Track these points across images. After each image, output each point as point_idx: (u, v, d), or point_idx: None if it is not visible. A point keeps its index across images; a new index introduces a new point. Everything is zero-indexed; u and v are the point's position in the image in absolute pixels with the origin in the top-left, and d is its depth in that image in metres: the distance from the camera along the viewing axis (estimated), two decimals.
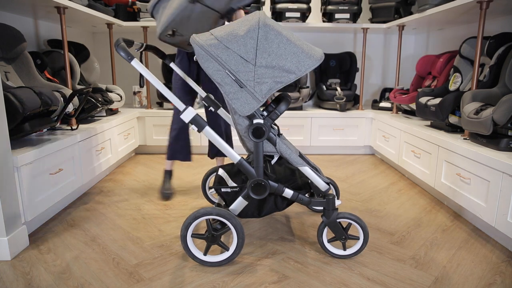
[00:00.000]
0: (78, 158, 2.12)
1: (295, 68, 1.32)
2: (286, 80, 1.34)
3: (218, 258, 1.48)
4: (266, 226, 1.86)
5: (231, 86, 1.34)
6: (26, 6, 2.13)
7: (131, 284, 1.37)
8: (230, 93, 1.35)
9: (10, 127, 1.64)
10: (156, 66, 3.75)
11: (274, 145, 1.47)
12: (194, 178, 2.63)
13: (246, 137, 1.50)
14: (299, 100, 3.25)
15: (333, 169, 2.90)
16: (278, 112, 1.42)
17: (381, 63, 3.85)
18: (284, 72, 1.32)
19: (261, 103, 1.36)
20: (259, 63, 1.31)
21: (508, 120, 1.62)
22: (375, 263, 1.51)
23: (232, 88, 1.34)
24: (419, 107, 2.44)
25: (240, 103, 1.36)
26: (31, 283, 1.36)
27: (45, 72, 2.39)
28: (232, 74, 1.32)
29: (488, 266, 1.49)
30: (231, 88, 1.34)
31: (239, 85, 1.33)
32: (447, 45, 3.10)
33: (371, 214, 2.02)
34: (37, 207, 1.72)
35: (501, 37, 2.09)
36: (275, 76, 1.33)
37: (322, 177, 1.55)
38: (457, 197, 1.92)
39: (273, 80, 1.33)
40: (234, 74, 1.32)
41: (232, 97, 1.35)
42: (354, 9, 3.21)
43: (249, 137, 1.46)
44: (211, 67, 1.32)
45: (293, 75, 1.33)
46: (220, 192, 1.55)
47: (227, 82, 1.33)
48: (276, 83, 1.34)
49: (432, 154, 2.18)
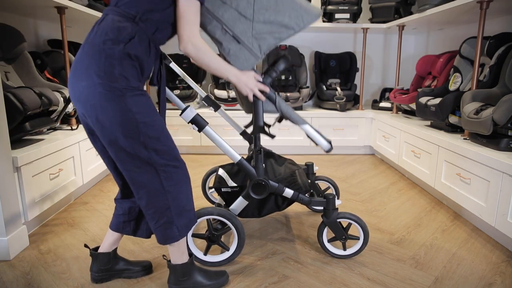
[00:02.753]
0: (78, 158, 2.12)
1: (293, 24, 1.30)
2: (285, 36, 1.32)
3: (218, 258, 1.48)
4: (266, 226, 1.86)
5: (230, 43, 1.31)
6: (26, 6, 2.13)
7: (131, 284, 1.37)
8: (230, 51, 1.32)
9: (10, 127, 1.64)
10: None
11: (274, 103, 1.42)
12: (194, 178, 2.63)
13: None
14: (299, 100, 3.25)
15: (333, 169, 2.90)
16: (277, 70, 1.39)
17: (381, 63, 3.85)
18: (282, 28, 1.30)
19: (259, 59, 1.33)
20: (257, 18, 1.29)
21: (508, 120, 1.62)
22: (375, 263, 1.51)
23: (231, 45, 1.32)
24: (419, 107, 2.44)
25: (240, 61, 1.33)
26: (31, 283, 1.36)
27: (45, 72, 2.39)
28: (229, 29, 1.30)
29: (488, 266, 1.49)
30: (230, 45, 1.32)
31: (237, 42, 1.30)
32: (447, 45, 3.10)
33: (371, 214, 2.02)
34: (37, 207, 1.72)
35: (501, 37, 2.09)
36: (273, 32, 1.31)
37: (324, 136, 1.48)
38: (457, 197, 1.92)
39: (272, 36, 1.31)
40: (231, 29, 1.30)
41: (232, 55, 1.32)
42: (354, 9, 3.21)
43: None
44: (208, 23, 1.30)
45: (291, 31, 1.31)
46: (221, 192, 1.55)
47: (226, 39, 1.31)
48: (275, 39, 1.32)
49: (432, 154, 2.18)
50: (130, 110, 1.08)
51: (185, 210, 1.21)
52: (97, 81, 1.05)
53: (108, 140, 1.11)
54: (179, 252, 1.26)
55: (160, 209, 1.18)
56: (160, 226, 1.19)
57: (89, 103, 1.07)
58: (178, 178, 1.19)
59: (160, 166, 1.15)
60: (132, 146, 1.10)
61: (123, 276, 1.40)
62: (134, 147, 1.11)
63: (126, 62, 1.08)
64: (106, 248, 1.37)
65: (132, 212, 1.33)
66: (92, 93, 1.06)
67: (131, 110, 1.08)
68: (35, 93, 1.75)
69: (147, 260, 1.45)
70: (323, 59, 3.61)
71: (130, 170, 1.14)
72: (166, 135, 1.17)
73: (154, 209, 1.18)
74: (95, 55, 1.06)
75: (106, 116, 1.07)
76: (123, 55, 1.07)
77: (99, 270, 1.36)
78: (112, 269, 1.38)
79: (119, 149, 1.11)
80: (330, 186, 2.01)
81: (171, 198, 1.18)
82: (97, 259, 1.36)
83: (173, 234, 1.21)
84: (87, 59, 1.07)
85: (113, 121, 1.07)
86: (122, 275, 1.40)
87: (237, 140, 3.21)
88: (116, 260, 1.39)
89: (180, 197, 1.20)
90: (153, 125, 1.13)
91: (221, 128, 3.23)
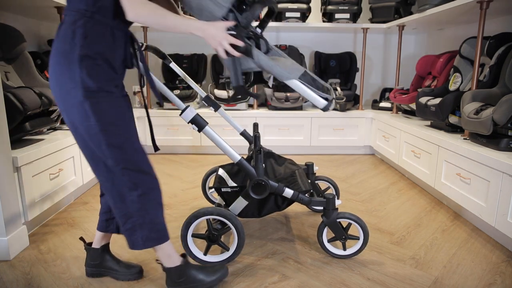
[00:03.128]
0: (78, 158, 2.12)
1: None
2: None
3: (218, 258, 1.48)
4: (266, 226, 1.86)
5: None
6: (26, 6, 2.13)
7: (131, 284, 1.37)
8: (191, 3, 1.19)
9: (10, 127, 1.64)
10: (156, 66, 3.75)
11: (251, 57, 1.22)
12: (194, 178, 2.63)
13: None
14: (299, 100, 3.25)
15: (333, 169, 2.90)
16: (251, 16, 1.19)
17: (381, 63, 3.85)
18: None
19: (224, 8, 1.17)
20: None
21: (508, 120, 1.62)
22: (375, 263, 1.51)
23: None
24: (419, 107, 2.44)
25: (205, 15, 1.19)
26: (31, 283, 1.36)
27: (45, 72, 2.39)
28: None
29: (488, 266, 1.49)
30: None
31: None
32: (447, 45, 3.10)
33: (371, 214, 2.02)
34: (37, 207, 1.72)
35: (501, 37, 2.09)
36: None
37: (320, 93, 1.29)
38: (457, 197, 1.92)
39: None
40: None
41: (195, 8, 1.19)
42: (354, 9, 3.21)
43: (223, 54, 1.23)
44: None
45: None
46: (220, 192, 1.55)
47: None
48: None
49: (432, 154, 2.18)
50: (90, 118, 1.07)
51: (150, 223, 1.18)
52: (66, 88, 1.07)
53: (79, 142, 1.15)
54: (166, 256, 1.25)
55: (125, 215, 1.17)
56: (127, 230, 1.19)
57: (60, 108, 1.11)
58: (143, 190, 1.16)
59: (121, 176, 1.13)
60: (96, 152, 1.12)
61: (110, 275, 1.39)
62: (98, 153, 1.12)
63: (87, 64, 1.05)
64: (95, 244, 1.39)
65: None
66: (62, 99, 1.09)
67: (90, 117, 1.07)
68: (35, 93, 1.75)
69: (138, 265, 1.42)
70: (323, 59, 3.61)
71: (97, 174, 1.17)
72: (131, 143, 1.14)
73: (120, 213, 1.18)
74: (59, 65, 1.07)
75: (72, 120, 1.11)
76: (82, 57, 1.05)
77: (89, 264, 1.39)
78: (102, 265, 1.39)
79: (87, 152, 1.15)
80: (330, 186, 2.01)
81: (134, 208, 1.16)
82: (88, 253, 1.39)
83: (138, 243, 1.19)
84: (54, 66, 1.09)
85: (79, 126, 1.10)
86: (110, 274, 1.39)
87: (237, 140, 3.21)
88: (105, 257, 1.39)
89: (145, 209, 1.17)
90: (116, 133, 1.11)
91: (221, 128, 3.23)
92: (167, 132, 3.26)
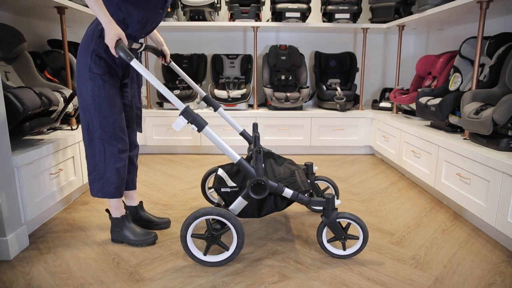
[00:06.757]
0: (78, 158, 2.12)
1: None
2: None
3: (218, 258, 1.48)
4: (266, 226, 1.86)
5: None
6: (26, 6, 2.13)
7: (131, 284, 1.37)
8: None
9: (10, 127, 1.64)
10: (156, 66, 3.75)
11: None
12: (194, 178, 2.63)
13: None
14: (299, 100, 3.25)
15: (333, 169, 2.90)
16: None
17: (381, 63, 3.85)
18: None
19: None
20: None
21: (508, 120, 1.62)
22: (375, 263, 1.51)
23: None
24: (419, 107, 2.44)
25: None
26: (31, 283, 1.37)
27: (45, 72, 2.39)
28: None
29: (488, 266, 1.49)
30: None
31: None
32: (447, 45, 3.10)
33: (371, 214, 2.02)
34: (37, 207, 1.72)
35: (501, 37, 2.09)
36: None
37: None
38: (457, 197, 1.92)
39: None
40: None
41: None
42: (354, 9, 3.21)
43: None
44: None
45: None
46: (220, 192, 1.55)
47: None
48: None
49: (432, 154, 2.18)
50: (89, 92, 1.47)
51: (106, 180, 1.54)
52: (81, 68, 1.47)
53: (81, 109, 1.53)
54: (113, 207, 1.63)
55: (92, 168, 1.55)
56: (90, 179, 1.56)
57: (76, 82, 1.53)
58: (110, 154, 1.53)
59: (97, 138, 1.50)
60: (87, 117, 1.50)
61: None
62: (87, 118, 1.50)
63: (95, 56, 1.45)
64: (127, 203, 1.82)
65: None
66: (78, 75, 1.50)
67: (89, 92, 1.47)
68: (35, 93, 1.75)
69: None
70: (323, 59, 3.62)
71: (83, 134, 1.53)
72: (114, 117, 1.50)
73: (89, 165, 1.55)
74: (81, 52, 1.48)
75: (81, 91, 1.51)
76: (93, 51, 1.44)
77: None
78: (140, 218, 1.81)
79: (83, 117, 1.52)
80: (329, 186, 2.01)
81: (99, 166, 1.53)
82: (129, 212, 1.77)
83: (93, 191, 1.56)
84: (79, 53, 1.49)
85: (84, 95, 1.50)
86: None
87: (236, 140, 3.21)
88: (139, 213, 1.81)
89: (106, 168, 1.53)
90: (103, 106, 1.48)
91: (220, 128, 3.23)
92: (167, 132, 3.26)
